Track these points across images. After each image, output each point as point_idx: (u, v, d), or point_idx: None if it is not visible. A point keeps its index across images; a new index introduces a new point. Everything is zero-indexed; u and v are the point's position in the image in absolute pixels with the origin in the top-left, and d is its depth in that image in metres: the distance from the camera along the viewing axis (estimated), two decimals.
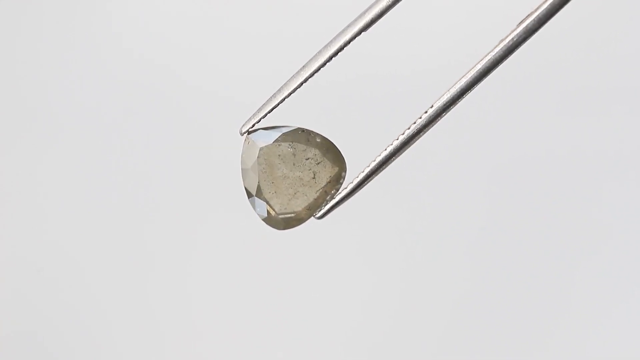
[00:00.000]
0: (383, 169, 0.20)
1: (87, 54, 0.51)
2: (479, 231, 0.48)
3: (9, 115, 0.52)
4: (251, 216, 0.20)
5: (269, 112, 0.20)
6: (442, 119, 0.20)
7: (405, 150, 0.20)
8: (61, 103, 0.51)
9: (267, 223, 0.20)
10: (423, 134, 0.20)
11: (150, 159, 0.50)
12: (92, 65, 0.51)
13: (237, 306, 0.50)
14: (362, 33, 0.21)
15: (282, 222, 0.20)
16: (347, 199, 0.20)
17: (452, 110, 0.21)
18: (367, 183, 0.20)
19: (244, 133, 0.21)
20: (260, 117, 0.20)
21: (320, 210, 0.20)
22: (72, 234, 0.51)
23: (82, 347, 0.50)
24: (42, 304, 0.51)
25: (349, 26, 0.20)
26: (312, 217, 0.20)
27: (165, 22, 0.51)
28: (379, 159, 0.19)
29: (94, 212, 0.51)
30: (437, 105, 0.19)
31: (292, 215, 0.20)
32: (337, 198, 0.19)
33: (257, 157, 0.20)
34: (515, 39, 0.18)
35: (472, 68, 0.19)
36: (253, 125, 0.21)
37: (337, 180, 0.20)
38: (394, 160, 0.20)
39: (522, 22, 0.18)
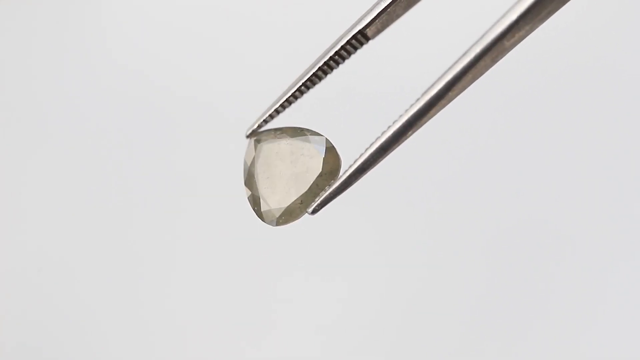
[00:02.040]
0: (377, 163, 0.19)
1: (76, 57, 0.53)
2: (479, 228, 0.46)
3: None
4: (247, 212, 0.21)
5: (272, 114, 0.21)
6: (440, 117, 0.19)
7: (400, 143, 0.19)
8: (52, 105, 0.53)
9: (262, 220, 0.20)
10: (417, 128, 0.19)
11: (144, 159, 0.51)
12: (80, 70, 0.52)
13: (232, 306, 0.48)
14: (366, 39, 0.21)
15: (277, 218, 0.20)
16: (339, 193, 0.19)
17: (451, 112, 0.20)
18: (360, 177, 0.19)
19: (249, 135, 0.21)
20: (263, 119, 0.21)
21: (312, 205, 0.19)
22: (64, 237, 0.51)
23: (76, 348, 0.50)
24: (32, 308, 0.51)
25: (348, 29, 0.21)
26: (306, 213, 0.20)
27: (157, 26, 0.53)
28: (370, 151, 0.19)
29: (86, 215, 0.51)
30: (429, 95, 0.18)
31: (286, 210, 0.20)
32: (328, 192, 0.19)
33: (256, 155, 0.20)
34: (510, 22, 0.18)
35: (470, 49, 0.18)
36: (259, 127, 0.21)
37: (331, 176, 0.20)
38: (388, 154, 0.19)
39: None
